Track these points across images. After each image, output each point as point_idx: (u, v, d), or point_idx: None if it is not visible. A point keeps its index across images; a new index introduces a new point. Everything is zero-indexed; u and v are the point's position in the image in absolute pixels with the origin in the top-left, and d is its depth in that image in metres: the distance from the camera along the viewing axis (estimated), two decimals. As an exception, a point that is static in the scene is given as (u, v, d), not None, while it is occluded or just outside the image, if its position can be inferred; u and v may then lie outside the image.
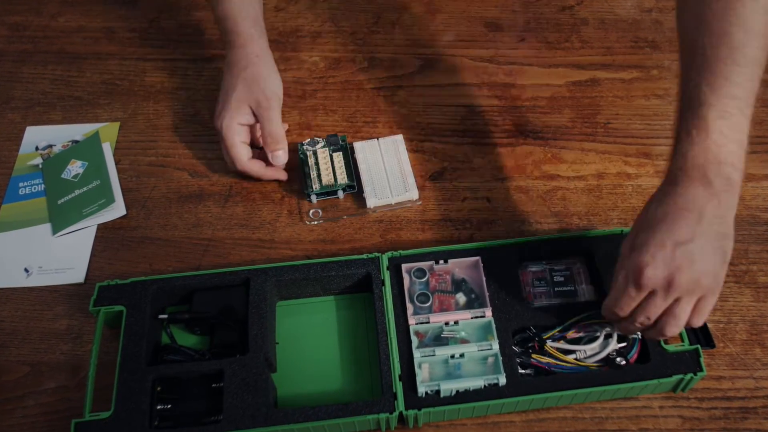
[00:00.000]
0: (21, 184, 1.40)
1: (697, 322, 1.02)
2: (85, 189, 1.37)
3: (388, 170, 1.36)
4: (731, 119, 0.99)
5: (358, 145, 1.40)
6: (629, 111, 1.48)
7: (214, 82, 1.53)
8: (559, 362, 1.10)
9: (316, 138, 1.40)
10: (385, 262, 1.19)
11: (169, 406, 1.08)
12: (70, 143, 1.46)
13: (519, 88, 1.52)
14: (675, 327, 1.02)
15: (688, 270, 0.97)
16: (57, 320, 1.23)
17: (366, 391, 1.14)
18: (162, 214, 1.35)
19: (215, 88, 1.43)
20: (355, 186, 1.35)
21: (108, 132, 1.47)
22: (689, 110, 1.01)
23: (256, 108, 1.34)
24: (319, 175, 1.35)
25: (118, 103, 1.53)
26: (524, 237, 1.24)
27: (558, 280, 1.19)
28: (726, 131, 0.99)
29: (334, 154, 1.38)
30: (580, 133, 1.45)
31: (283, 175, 1.38)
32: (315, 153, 1.38)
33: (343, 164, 1.36)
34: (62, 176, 1.40)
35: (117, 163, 1.42)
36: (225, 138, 1.34)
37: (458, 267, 1.19)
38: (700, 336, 1.13)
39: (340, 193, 1.35)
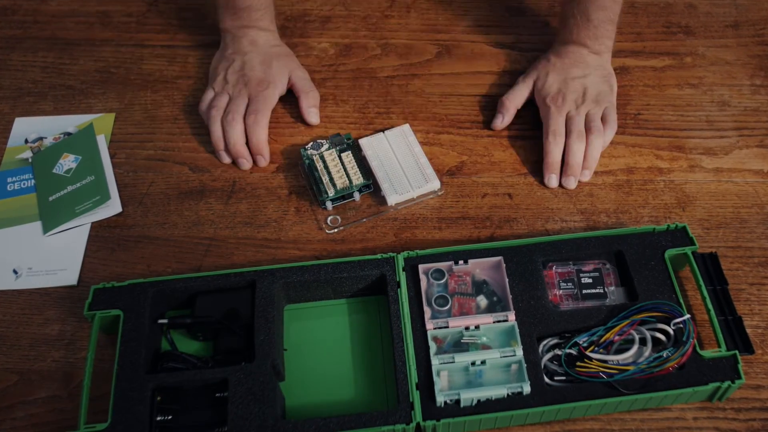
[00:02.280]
0: (9, 180, 1.40)
1: (612, 126, 1.41)
2: (78, 185, 1.37)
3: (403, 163, 1.36)
4: (606, 11, 1.41)
5: (364, 142, 1.39)
6: (661, 101, 1.48)
7: (215, 70, 1.53)
8: (608, 369, 1.09)
9: (318, 140, 1.39)
10: (400, 263, 1.19)
11: (169, 417, 1.08)
12: (61, 136, 1.46)
13: (543, 76, 1.52)
14: (597, 131, 1.37)
15: (588, 90, 1.41)
16: (48, 325, 1.23)
17: (380, 401, 1.14)
18: (160, 211, 1.35)
19: (217, 77, 1.44)
20: (371, 185, 1.35)
21: (102, 123, 1.47)
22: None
23: (297, 79, 1.48)
24: (331, 179, 1.33)
25: (113, 93, 1.53)
26: (549, 236, 1.23)
27: (586, 282, 1.19)
28: (602, 16, 1.41)
29: (343, 155, 1.37)
30: (608, 124, 1.44)
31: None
32: (322, 156, 1.37)
33: (355, 163, 1.36)
34: (53, 171, 1.40)
35: (112, 157, 1.42)
36: (263, 99, 1.42)
37: (479, 268, 1.19)
38: (738, 341, 1.13)
39: (356, 195, 1.35)
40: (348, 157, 1.36)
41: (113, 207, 1.35)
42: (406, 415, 1.05)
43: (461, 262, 1.19)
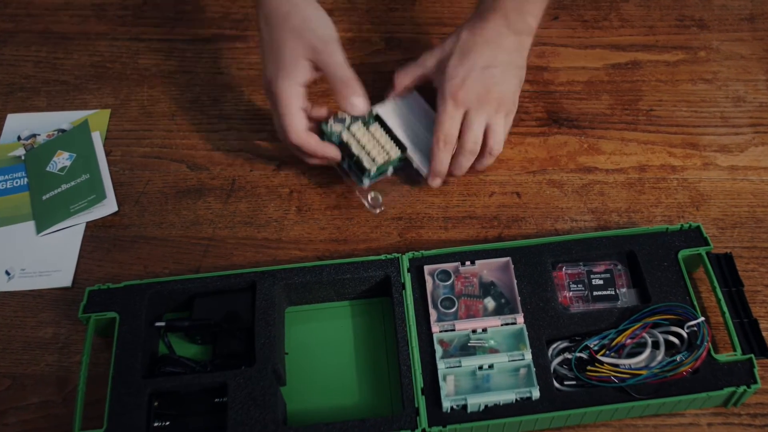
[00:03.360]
0: (1, 178, 1.41)
1: (501, 139, 1.32)
2: (72, 183, 1.37)
3: (428, 129, 1.34)
4: None
5: (382, 110, 1.36)
6: (674, 97, 1.48)
7: (214, 64, 1.53)
8: (619, 374, 1.09)
9: (339, 114, 1.33)
10: (405, 264, 1.19)
11: (167, 423, 1.08)
12: (55, 132, 1.46)
13: (552, 71, 1.52)
14: (498, 139, 1.31)
15: (494, 88, 1.30)
16: (41, 328, 1.23)
17: (385, 406, 1.13)
18: (157, 210, 1.35)
19: (216, 72, 1.43)
20: (406, 158, 1.34)
21: (98, 120, 1.47)
22: None
23: (316, 57, 1.26)
24: (369, 154, 1.30)
25: (108, 88, 1.53)
26: (558, 236, 1.23)
27: (597, 284, 1.19)
28: None
29: (371, 128, 1.33)
30: (619, 121, 1.44)
31: (336, 154, 1.31)
32: (351, 131, 1.32)
33: (387, 136, 1.33)
34: (47, 169, 1.40)
35: (108, 154, 1.42)
36: (281, 104, 1.25)
37: (486, 269, 1.19)
38: (754, 344, 1.13)
39: (390, 170, 1.34)
40: (377, 129, 1.34)
41: (109, 206, 1.35)
42: (411, 421, 1.05)
43: (468, 262, 1.19)
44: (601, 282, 1.19)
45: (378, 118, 1.35)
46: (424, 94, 1.39)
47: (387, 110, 1.37)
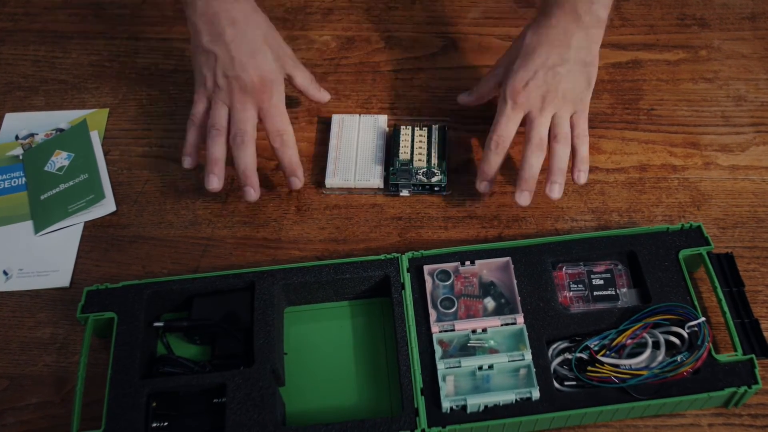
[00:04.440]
0: (-1, 177, 1.41)
1: (582, 140, 1.29)
2: (71, 183, 1.37)
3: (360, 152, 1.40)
4: None
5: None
6: (675, 96, 1.48)
7: (213, 64, 1.53)
8: (620, 374, 1.09)
9: None
10: (405, 264, 1.19)
11: (165, 423, 1.08)
12: (54, 132, 1.46)
13: (552, 70, 1.52)
14: (563, 139, 1.27)
15: (557, 88, 1.26)
16: (39, 328, 1.23)
17: (384, 407, 1.13)
18: (156, 210, 1.35)
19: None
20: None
21: (96, 119, 1.47)
22: None
23: (290, 68, 1.36)
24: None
25: (107, 88, 1.53)
26: (559, 236, 1.23)
27: (597, 284, 1.19)
28: None
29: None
30: (620, 120, 1.45)
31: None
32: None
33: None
34: (45, 169, 1.40)
35: (106, 154, 1.42)
36: (276, 108, 1.31)
37: (486, 269, 1.19)
38: (755, 345, 1.12)
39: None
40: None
41: (107, 206, 1.35)
42: (410, 422, 1.05)
43: (468, 262, 1.19)
44: (601, 282, 1.19)
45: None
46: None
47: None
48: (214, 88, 1.30)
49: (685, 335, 1.11)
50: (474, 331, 1.13)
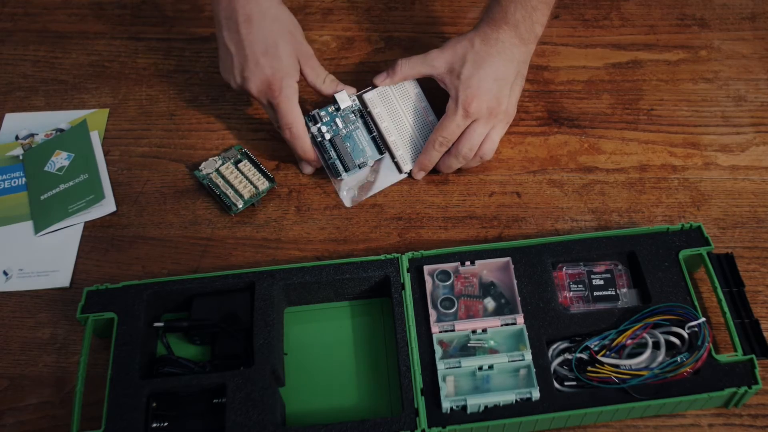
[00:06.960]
0: None
1: (486, 154, 1.35)
2: (71, 183, 1.37)
3: (416, 121, 1.38)
4: None
5: (369, 97, 1.39)
6: (675, 96, 1.48)
7: (213, 64, 1.53)
8: (620, 374, 1.09)
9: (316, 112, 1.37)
10: (405, 264, 1.19)
11: (165, 424, 1.08)
12: (54, 132, 1.46)
13: (552, 70, 1.52)
14: (491, 147, 1.34)
15: (503, 101, 1.32)
16: (39, 329, 1.23)
17: (384, 407, 1.14)
18: (156, 210, 1.35)
19: (214, 71, 1.43)
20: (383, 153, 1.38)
21: (96, 120, 1.47)
22: None
23: (301, 58, 1.35)
24: (237, 190, 1.35)
25: (107, 88, 1.53)
26: (559, 236, 1.23)
27: (597, 284, 1.19)
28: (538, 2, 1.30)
29: (240, 165, 1.38)
30: (620, 120, 1.44)
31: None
32: (219, 171, 1.37)
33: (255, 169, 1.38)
34: (45, 169, 1.40)
35: (106, 154, 1.42)
36: (287, 103, 1.31)
37: (486, 269, 1.19)
38: (755, 345, 1.13)
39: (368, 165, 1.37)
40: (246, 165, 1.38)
41: (107, 206, 1.35)
42: (410, 422, 1.05)
43: (468, 263, 1.19)
44: (601, 282, 1.19)
45: (363, 114, 1.38)
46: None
47: (374, 97, 1.39)
48: (240, 89, 1.35)
49: (686, 335, 1.11)
50: (474, 332, 1.13)
